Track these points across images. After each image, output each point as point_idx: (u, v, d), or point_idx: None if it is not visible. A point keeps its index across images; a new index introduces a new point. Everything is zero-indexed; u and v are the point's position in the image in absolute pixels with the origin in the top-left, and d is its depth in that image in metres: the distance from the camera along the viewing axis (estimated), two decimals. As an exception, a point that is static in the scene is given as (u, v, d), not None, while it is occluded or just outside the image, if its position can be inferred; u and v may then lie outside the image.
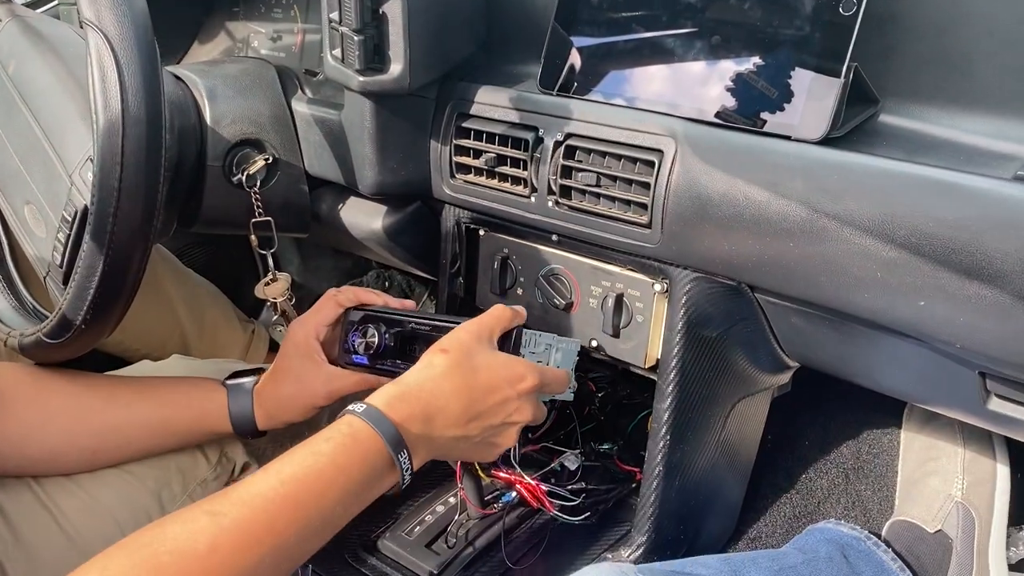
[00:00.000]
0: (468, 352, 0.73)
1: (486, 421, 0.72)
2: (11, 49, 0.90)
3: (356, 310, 0.88)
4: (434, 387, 0.70)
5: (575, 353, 0.84)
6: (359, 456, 0.65)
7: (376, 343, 0.84)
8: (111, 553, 0.55)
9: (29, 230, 0.87)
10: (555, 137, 0.85)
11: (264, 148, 1.00)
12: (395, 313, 0.85)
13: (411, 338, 0.83)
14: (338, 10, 0.83)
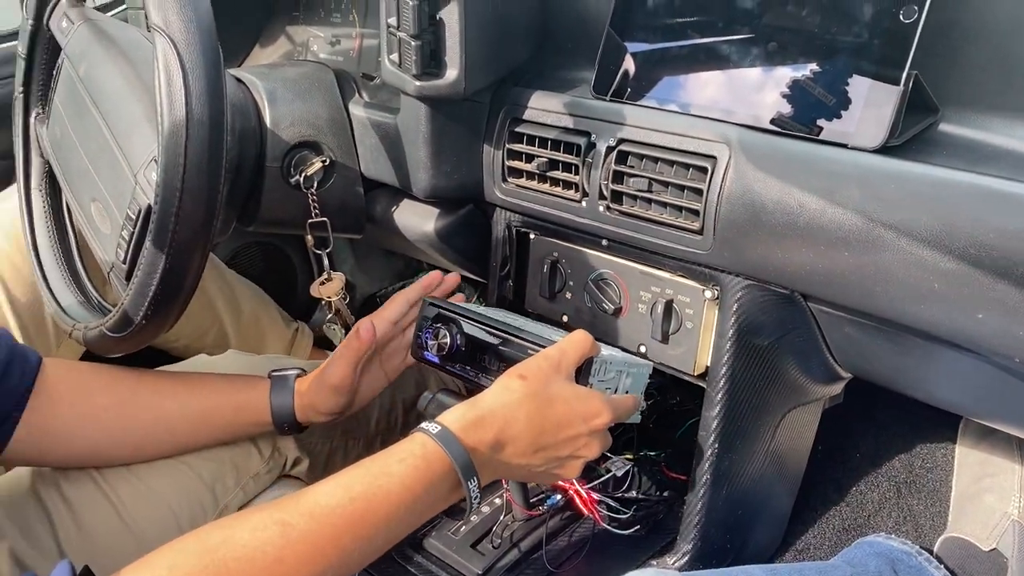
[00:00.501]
0: (545, 381, 0.72)
1: (553, 453, 0.72)
2: (83, 51, 0.93)
3: (432, 305, 0.88)
4: (508, 414, 0.70)
5: (646, 376, 0.84)
6: (429, 479, 0.65)
7: (448, 344, 0.84)
8: (178, 549, 0.57)
9: (95, 227, 0.90)
10: (608, 142, 0.85)
11: (321, 150, 1.02)
12: (469, 316, 0.85)
13: (483, 346, 0.83)
14: (396, 16, 0.84)
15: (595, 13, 0.91)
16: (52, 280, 0.98)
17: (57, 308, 0.95)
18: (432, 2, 0.84)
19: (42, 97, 1.02)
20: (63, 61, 0.96)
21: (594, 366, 0.78)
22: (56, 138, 0.98)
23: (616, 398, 0.77)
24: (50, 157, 1.00)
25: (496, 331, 0.82)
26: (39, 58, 1.00)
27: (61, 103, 0.97)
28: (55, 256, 0.99)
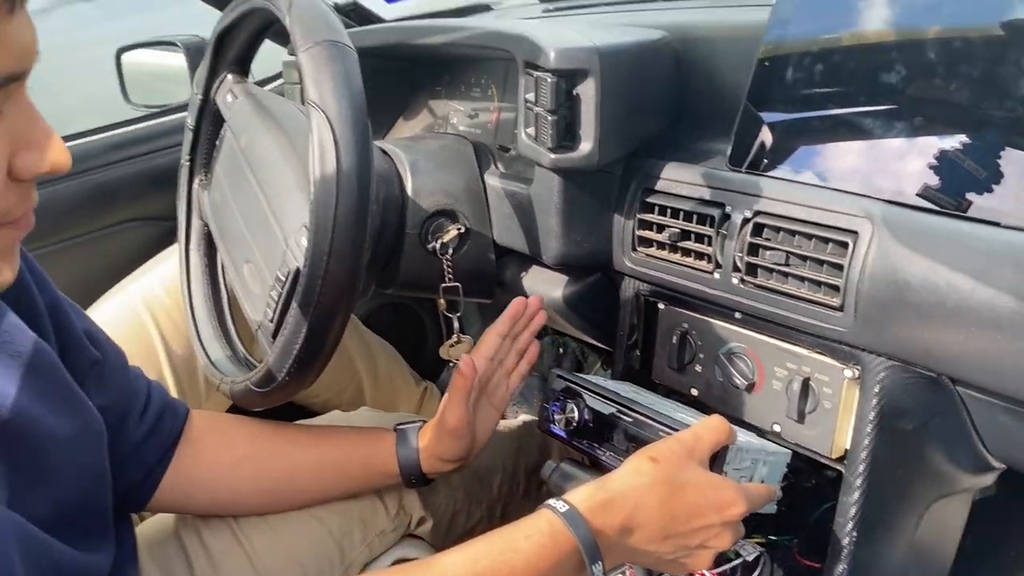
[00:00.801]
0: (678, 467, 0.70)
1: (683, 541, 0.70)
2: (244, 124, 1.00)
3: (561, 377, 0.89)
4: (638, 498, 0.69)
5: (783, 466, 0.81)
6: (554, 559, 0.65)
7: (575, 419, 0.84)
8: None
9: (247, 287, 0.96)
10: (743, 214, 0.84)
11: (457, 218, 1.05)
12: (598, 391, 0.85)
13: (612, 424, 0.82)
14: (534, 92, 0.87)
15: (732, 85, 0.92)
16: (204, 335, 1.05)
17: (208, 362, 1.01)
18: (569, 79, 0.86)
19: (205, 165, 1.10)
20: (226, 132, 1.04)
21: (729, 454, 0.75)
22: (216, 203, 1.05)
23: (751, 487, 0.75)
24: (209, 220, 1.08)
25: (627, 409, 0.81)
26: (205, 129, 1.09)
27: (222, 170, 1.04)
28: (208, 313, 1.06)
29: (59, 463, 0.68)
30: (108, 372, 0.82)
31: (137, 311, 1.15)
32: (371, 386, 1.39)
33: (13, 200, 0.53)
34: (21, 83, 0.51)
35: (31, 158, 0.52)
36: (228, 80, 1.04)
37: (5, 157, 0.51)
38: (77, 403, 0.72)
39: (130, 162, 1.41)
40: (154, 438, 0.85)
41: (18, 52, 0.49)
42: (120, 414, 0.82)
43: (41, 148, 0.53)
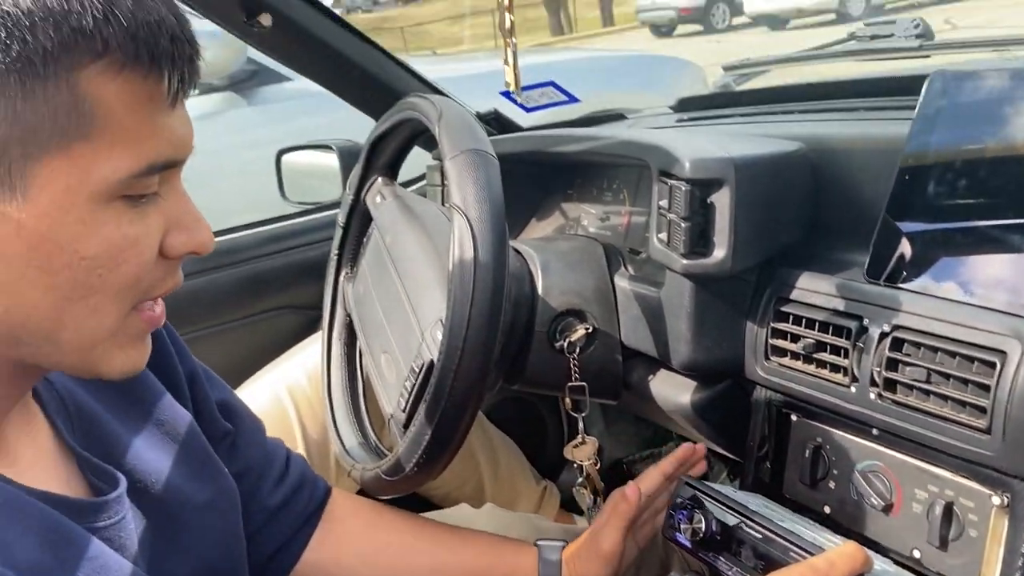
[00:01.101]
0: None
1: None
2: (390, 222, 1.07)
3: (689, 485, 0.88)
4: None
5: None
6: None
7: (703, 530, 0.83)
8: None
9: (383, 376, 1.00)
10: (881, 328, 0.82)
11: (586, 318, 1.07)
12: (728, 503, 0.83)
13: (740, 538, 0.80)
14: (668, 199, 0.89)
15: (869, 196, 0.91)
16: (340, 421, 1.09)
17: (341, 447, 1.06)
18: (704, 188, 0.88)
19: (352, 259, 1.17)
20: (373, 230, 1.11)
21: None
22: (359, 295, 1.12)
23: None
24: (352, 311, 1.14)
25: (757, 525, 0.79)
26: (354, 227, 1.16)
27: (367, 265, 1.11)
28: (345, 399, 1.11)
29: (197, 528, 0.72)
30: (241, 442, 0.85)
31: (279, 395, 1.22)
32: (492, 481, 1.40)
33: (160, 275, 0.59)
34: (177, 170, 0.58)
35: (181, 238, 0.59)
36: (378, 182, 1.12)
37: (159, 235, 0.58)
38: (213, 470, 0.76)
39: (282, 254, 1.51)
40: (290, 508, 0.88)
41: (177, 142, 0.56)
42: (253, 481, 0.85)
43: (190, 230, 0.59)
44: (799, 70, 1.47)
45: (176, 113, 0.56)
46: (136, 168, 0.54)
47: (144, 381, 0.74)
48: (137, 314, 0.59)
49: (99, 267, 0.54)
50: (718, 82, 1.63)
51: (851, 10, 12.24)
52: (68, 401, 0.67)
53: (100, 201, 0.53)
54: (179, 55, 0.54)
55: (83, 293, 0.55)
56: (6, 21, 0.48)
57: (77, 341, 0.57)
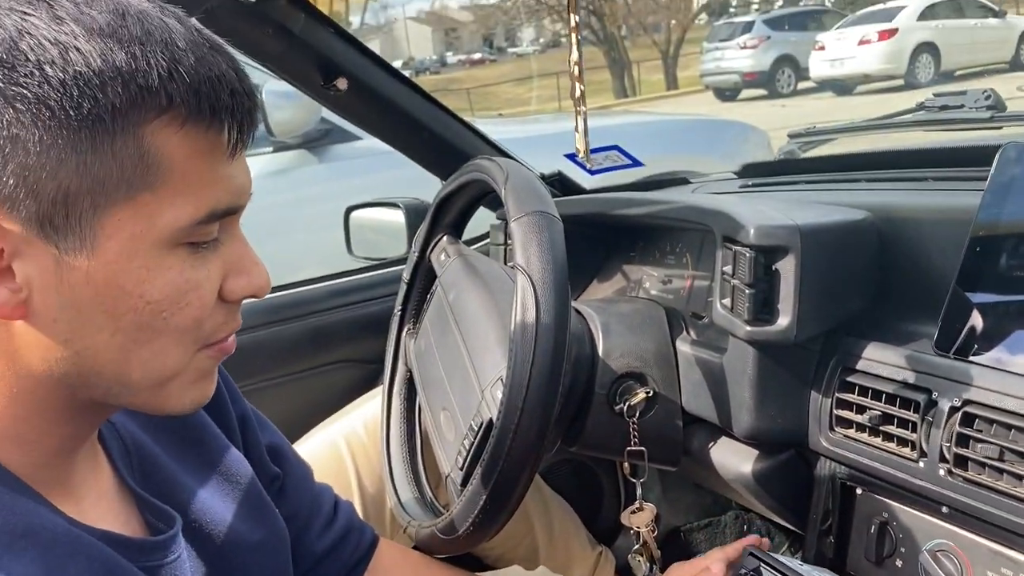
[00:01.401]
0: None
1: None
2: (454, 280, 1.08)
3: (754, 556, 0.86)
4: None
5: None
6: None
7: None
8: None
9: (441, 433, 1.01)
10: (951, 402, 0.80)
11: (646, 382, 1.07)
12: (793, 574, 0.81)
13: None
14: (732, 265, 0.89)
15: (938, 267, 0.90)
16: (397, 476, 1.10)
17: (397, 502, 1.06)
18: (769, 255, 0.88)
19: (415, 315, 1.19)
20: (437, 287, 1.13)
21: None
22: (420, 350, 1.13)
23: None
24: (413, 366, 1.15)
25: None
26: (418, 283, 1.19)
27: (430, 322, 1.13)
28: (403, 455, 1.11)
29: (249, 568, 0.73)
30: (289, 486, 0.86)
31: (337, 446, 1.23)
32: (546, 544, 1.38)
33: (220, 320, 0.61)
34: (237, 216, 0.60)
35: (240, 282, 0.61)
36: (443, 241, 1.14)
37: (219, 279, 0.60)
38: (266, 511, 0.77)
39: (346, 308, 1.54)
40: (337, 555, 0.88)
41: (236, 190, 0.59)
42: (301, 525, 0.86)
43: (249, 274, 0.61)
44: (866, 138, 1.46)
45: (236, 163, 0.58)
46: (198, 216, 0.56)
47: (200, 423, 0.76)
48: (205, 351, 0.61)
49: (163, 310, 0.56)
50: (783, 148, 1.63)
51: (919, 77, 12.13)
52: (128, 441, 0.70)
53: (164, 248, 0.56)
54: (238, 108, 0.56)
55: (148, 336, 0.57)
56: (78, 80, 0.51)
57: (146, 382, 0.59)
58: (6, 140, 0.51)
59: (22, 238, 0.53)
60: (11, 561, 0.53)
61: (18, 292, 0.54)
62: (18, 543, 0.54)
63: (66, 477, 0.62)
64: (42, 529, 0.56)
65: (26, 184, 0.52)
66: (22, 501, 0.56)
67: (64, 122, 0.51)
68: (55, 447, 0.60)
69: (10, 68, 0.51)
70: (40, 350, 0.56)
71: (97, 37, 0.52)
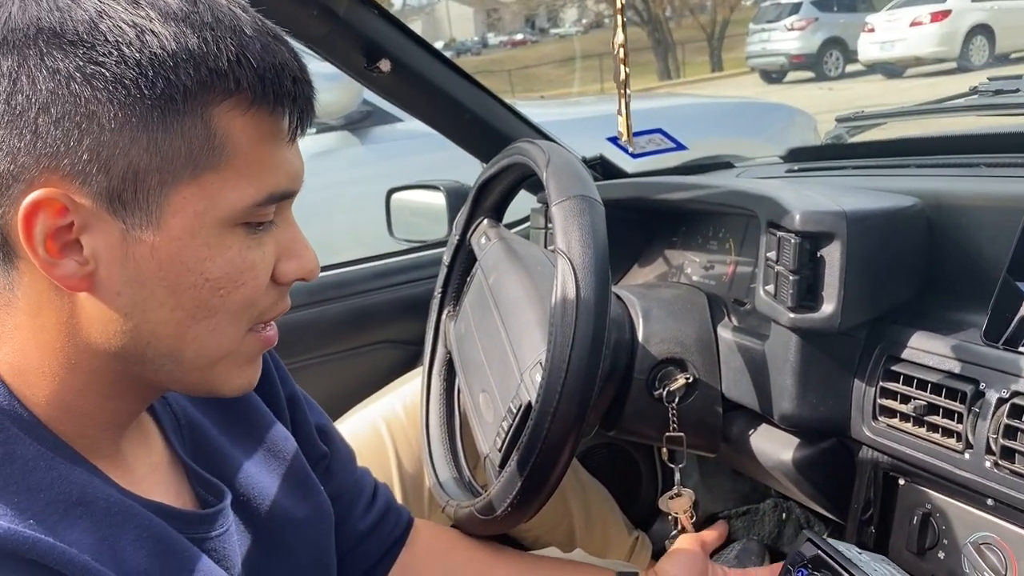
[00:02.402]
0: None
1: None
2: (494, 263, 1.09)
3: (812, 543, 0.84)
4: None
5: None
6: None
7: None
8: None
9: (480, 415, 1.02)
10: (999, 393, 0.78)
11: (686, 367, 1.06)
12: (853, 570, 0.78)
13: None
14: (776, 251, 0.88)
15: (989, 256, 0.88)
16: (436, 456, 1.11)
17: (436, 482, 1.07)
18: (814, 241, 0.87)
19: (455, 298, 1.20)
20: (477, 270, 1.13)
21: None
22: (460, 333, 1.14)
23: None
24: (452, 348, 1.16)
25: None
26: (458, 266, 1.19)
27: (470, 304, 1.13)
28: (442, 435, 1.13)
29: (295, 543, 0.75)
30: (335, 467, 0.88)
31: (377, 427, 1.25)
32: (583, 528, 1.38)
33: (272, 299, 0.63)
34: (290, 201, 0.63)
35: (292, 264, 0.63)
36: (484, 224, 1.14)
37: (272, 261, 0.62)
38: (312, 488, 0.79)
39: (387, 290, 1.55)
40: (377, 534, 0.90)
41: (293, 175, 0.61)
42: (345, 505, 0.88)
43: (301, 257, 0.63)
44: (916, 123, 1.43)
45: (293, 148, 0.61)
46: (258, 197, 0.58)
47: (250, 401, 0.78)
48: (253, 335, 0.63)
49: (221, 288, 0.58)
50: (830, 132, 1.60)
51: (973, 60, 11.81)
52: (180, 415, 0.72)
53: (225, 227, 0.58)
54: (300, 95, 0.59)
55: (205, 313, 0.59)
56: (153, 61, 0.53)
57: (198, 360, 0.61)
58: (83, 116, 0.53)
59: (92, 212, 0.55)
60: (66, 529, 0.55)
61: (85, 265, 0.56)
62: (73, 511, 0.56)
63: (118, 449, 0.64)
64: (96, 499, 0.58)
65: (99, 160, 0.54)
66: (77, 471, 0.58)
67: (138, 100, 0.53)
68: (107, 420, 0.62)
69: (89, 47, 0.53)
70: (101, 323, 0.58)
71: (171, 21, 0.54)
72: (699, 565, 0.94)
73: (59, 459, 0.58)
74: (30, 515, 0.54)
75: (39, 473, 0.56)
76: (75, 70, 0.52)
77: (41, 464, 0.56)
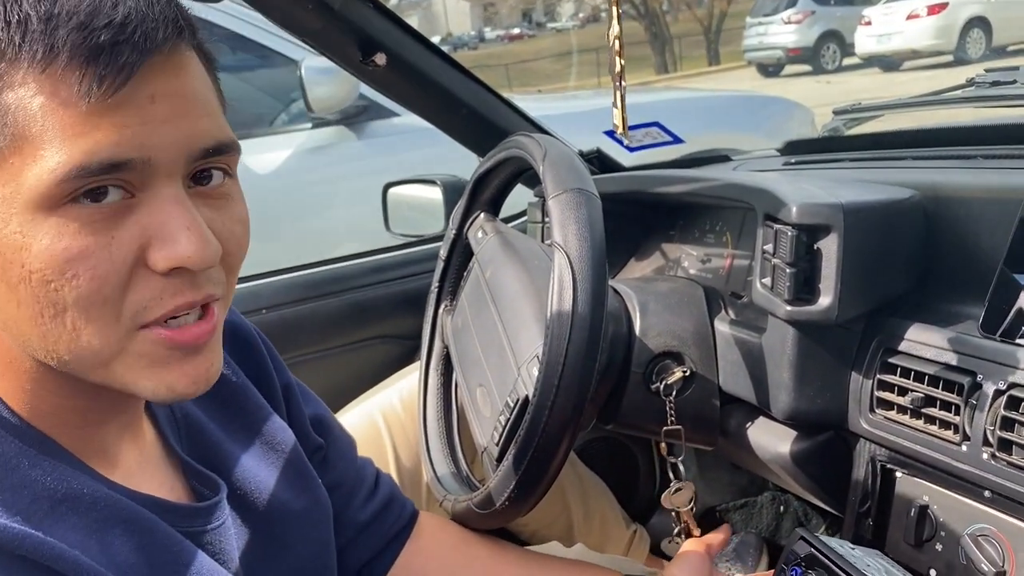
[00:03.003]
0: None
1: None
2: (491, 257, 1.08)
3: (805, 540, 0.84)
4: None
5: None
6: None
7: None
8: None
9: (477, 409, 1.02)
10: (996, 385, 0.78)
11: (684, 361, 1.06)
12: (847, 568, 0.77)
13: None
14: (773, 244, 0.88)
15: (986, 247, 0.88)
16: (433, 451, 1.11)
17: (434, 477, 1.07)
18: (810, 234, 0.87)
19: (452, 292, 1.19)
20: (474, 265, 1.13)
21: None
22: (457, 327, 1.14)
23: None
24: (449, 343, 1.16)
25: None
26: (455, 261, 1.19)
27: (467, 299, 1.13)
28: (439, 430, 1.12)
29: (291, 535, 0.74)
30: (333, 456, 0.87)
31: (375, 421, 1.24)
32: (581, 521, 1.39)
33: (150, 294, 0.55)
34: (160, 175, 0.53)
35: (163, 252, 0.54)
36: (480, 218, 1.14)
37: (131, 247, 0.53)
38: (309, 480, 0.78)
39: (384, 284, 1.55)
40: (379, 524, 0.89)
41: (121, 141, 0.51)
42: (345, 495, 0.87)
43: (171, 241, 0.53)
44: (913, 115, 1.42)
45: (113, 109, 0.50)
46: (62, 171, 0.50)
47: (246, 392, 0.77)
48: (147, 333, 0.55)
49: (49, 280, 0.51)
50: (827, 125, 1.60)
51: (970, 53, 11.80)
52: (176, 409, 0.71)
53: (38, 211, 0.50)
54: (91, 44, 0.49)
55: (52, 311, 0.52)
56: None
57: (82, 361, 0.55)
58: None
59: None
60: (52, 525, 0.54)
61: None
62: (59, 507, 0.55)
63: (106, 444, 0.63)
64: (83, 494, 0.57)
65: None
66: (62, 467, 0.57)
67: None
68: (84, 415, 0.60)
69: None
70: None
71: None
72: (705, 569, 0.93)
73: (43, 456, 0.57)
74: (16, 512, 0.53)
75: (22, 470, 0.55)
76: None
77: (24, 461, 0.55)
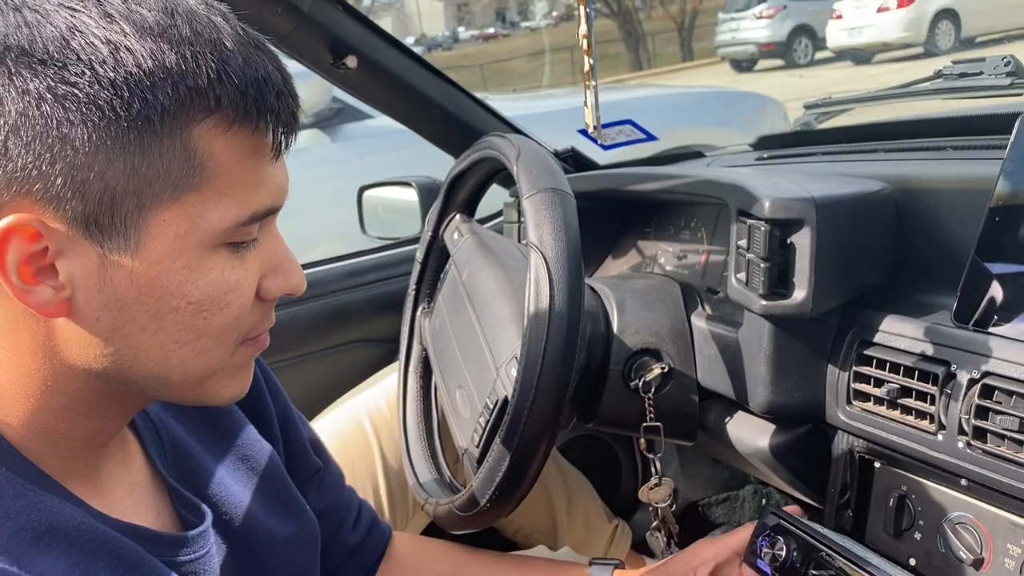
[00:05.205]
0: None
1: None
2: (467, 259, 1.08)
3: (774, 514, 0.86)
4: None
5: None
6: None
7: (783, 557, 0.81)
8: None
9: (457, 411, 1.01)
10: (970, 374, 0.79)
11: (662, 358, 1.06)
12: (812, 533, 0.81)
13: (822, 565, 0.78)
14: (747, 239, 0.88)
15: (956, 238, 0.88)
16: (414, 455, 1.11)
17: (415, 482, 1.07)
18: (784, 228, 0.87)
19: (429, 295, 1.19)
20: (450, 266, 1.13)
21: None
22: (435, 330, 1.13)
23: None
24: (428, 345, 1.15)
25: (840, 556, 0.77)
26: (432, 263, 1.19)
27: (444, 301, 1.13)
28: (420, 434, 1.12)
29: (277, 563, 0.74)
30: (328, 481, 0.88)
31: (360, 420, 1.24)
32: (564, 518, 1.39)
33: (258, 317, 0.61)
34: (274, 216, 0.61)
35: (277, 281, 0.61)
36: (456, 219, 1.14)
37: (256, 279, 0.60)
38: (296, 507, 0.78)
39: (362, 288, 1.54)
40: (364, 549, 0.90)
41: (276, 190, 0.59)
42: (337, 520, 0.88)
43: (286, 273, 0.61)
44: (883, 108, 1.44)
45: (278, 164, 0.58)
46: (241, 218, 0.56)
47: (232, 416, 0.76)
48: (243, 346, 0.61)
49: (204, 311, 0.57)
50: (799, 120, 1.61)
51: (939, 45, 11.92)
52: (162, 431, 0.70)
53: (206, 249, 0.56)
54: (283, 110, 0.56)
55: (190, 336, 0.57)
56: (128, 81, 0.51)
57: (186, 379, 0.59)
58: (55, 139, 0.50)
59: (67, 237, 0.52)
60: (33, 558, 0.53)
61: (61, 290, 0.54)
62: (41, 540, 0.54)
63: (96, 470, 0.62)
64: (65, 526, 0.56)
65: (73, 184, 0.51)
66: (47, 497, 0.56)
67: (113, 122, 0.51)
68: (85, 440, 0.61)
69: (61, 66, 0.50)
70: (80, 347, 0.56)
71: (148, 37, 0.51)
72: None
73: (29, 485, 0.56)
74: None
75: (7, 501, 0.55)
76: (46, 90, 0.50)
77: (10, 491, 0.55)
